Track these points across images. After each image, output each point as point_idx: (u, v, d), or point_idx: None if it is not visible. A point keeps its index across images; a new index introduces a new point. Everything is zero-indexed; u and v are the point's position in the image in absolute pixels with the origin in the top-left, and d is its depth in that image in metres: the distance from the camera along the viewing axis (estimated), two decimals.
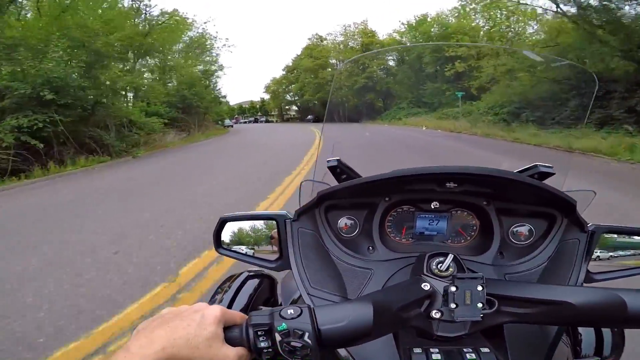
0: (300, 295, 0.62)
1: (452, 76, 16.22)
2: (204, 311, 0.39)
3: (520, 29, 21.25)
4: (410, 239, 0.71)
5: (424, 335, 0.50)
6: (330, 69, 41.58)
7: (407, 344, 0.50)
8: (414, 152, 3.62)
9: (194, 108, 21.19)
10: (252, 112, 79.10)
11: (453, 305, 0.46)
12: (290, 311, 0.39)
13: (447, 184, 0.61)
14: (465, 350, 0.48)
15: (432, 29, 26.95)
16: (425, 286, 0.48)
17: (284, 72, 53.59)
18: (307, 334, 0.38)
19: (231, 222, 0.71)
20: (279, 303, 0.95)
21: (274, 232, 0.68)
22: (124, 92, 15.86)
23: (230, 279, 1.00)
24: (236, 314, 0.42)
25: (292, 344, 0.37)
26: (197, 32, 25.69)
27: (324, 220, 0.69)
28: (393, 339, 0.52)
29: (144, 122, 14.75)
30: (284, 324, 0.38)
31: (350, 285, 0.64)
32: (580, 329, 0.74)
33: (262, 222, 0.71)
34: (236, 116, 76.66)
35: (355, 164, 0.83)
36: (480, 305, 0.46)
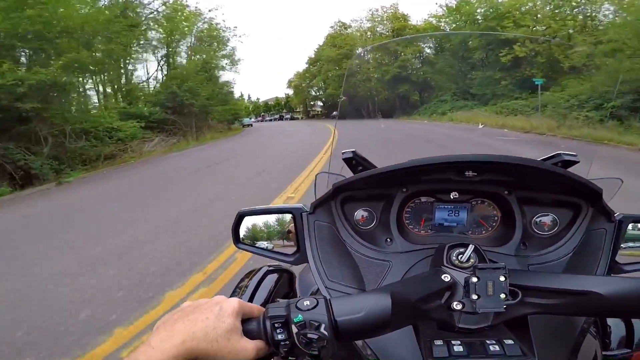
0: (319, 289, 0.66)
1: (509, 62, 12.90)
2: (222, 304, 0.41)
3: (593, 11, 17.09)
4: (430, 231, 0.74)
5: (445, 327, 0.51)
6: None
7: (428, 336, 0.52)
8: None
9: (186, 107, 18.37)
10: (277, 109, 78.56)
11: (475, 297, 0.47)
12: (307, 302, 0.41)
13: (466, 173, 0.63)
14: (488, 342, 0.49)
15: (478, 10, 22.72)
16: (446, 277, 0.50)
17: (307, 65, 50.85)
18: (323, 325, 0.39)
19: (249, 217, 0.75)
20: (298, 297, 0.98)
21: (292, 226, 0.73)
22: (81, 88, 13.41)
23: (250, 274, 1.03)
24: (254, 307, 0.44)
25: (309, 335, 0.39)
26: (204, 22, 23.44)
27: (340, 213, 0.72)
28: (413, 331, 0.54)
29: (112, 128, 12.62)
30: (300, 315, 0.40)
31: (368, 277, 0.67)
32: (608, 321, 0.73)
33: (278, 215, 0.75)
34: (262, 114, 76.14)
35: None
36: (503, 296, 0.46)
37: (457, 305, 0.48)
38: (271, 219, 0.76)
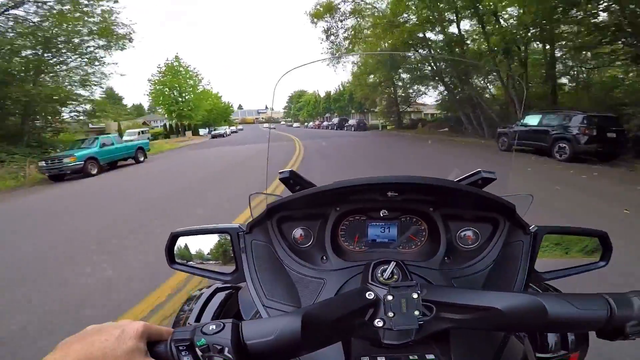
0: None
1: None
2: (125, 327, 0.41)
3: None
4: (364, 247, 0.76)
5: (374, 343, 0.53)
6: None
7: (358, 353, 0.53)
8: None
9: None
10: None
11: (391, 314, 0.48)
12: (212, 327, 0.42)
13: (388, 194, 0.67)
14: (411, 357, 0.51)
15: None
16: (370, 295, 0.51)
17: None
18: (226, 349, 0.40)
19: (184, 237, 0.75)
20: (242, 315, 0.96)
21: (230, 246, 0.74)
22: None
23: (201, 290, 1.00)
24: (163, 330, 0.44)
25: (214, 358, 0.40)
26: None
27: (276, 232, 0.74)
28: (342, 348, 0.55)
29: None
30: (203, 339, 0.41)
31: (304, 295, 0.68)
32: None
33: (215, 235, 0.76)
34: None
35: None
36: (417, 312, 0.48)
37: (378, 323, 0.49)
38: (209, 238, 0.75)
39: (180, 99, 36.97)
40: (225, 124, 54.00)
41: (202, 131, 43.42)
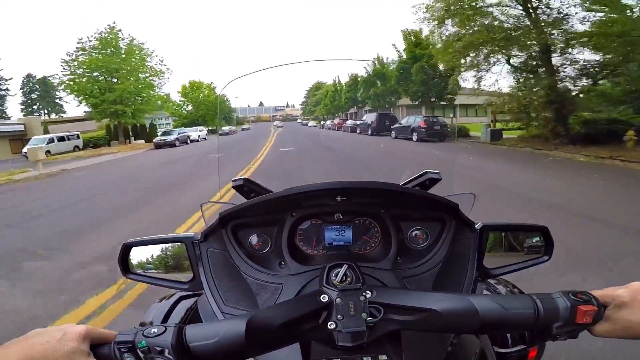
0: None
1: None
2: (68, 329, 0.42)
3: None
4: (322, 250, 0.77)
5: (330, 345, 0.53)
6: None
7: (317, 355, 0.54)
8: None
9: None
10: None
11: (340, 317, 0.50)
12: (154, 330, 0.43)
13: (337, 198, 0.69)
14: (364, 358, 0.52)
15: None
16: (324, 298, 0.52)
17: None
18: (166, 351, 0.42)
19: (137, 247, 0.73)
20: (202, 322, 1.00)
21: (185, 255, 0.73)
22: None
23: (163, 299, 0.99)
24: (107, 333, 0.45)
25: (155, 359, 0.42)
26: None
27: (232, 239, 0.74)
28: (300, 350, 0.56)
29: None
30: (143, 341, 0.42)
31: (262, 300, 0.69)
32: None
33: (170, 244, 0.75)
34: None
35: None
36: (364, 315, 0.50)
37: (330, 325, 0.50)
38: (164, 248, 0.75)
39: (111, 86, 25.15)
40: (224, 123, 42.78)
41: (191, 132, 28.05)
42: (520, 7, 12.03)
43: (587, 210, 4.38)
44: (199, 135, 27.84)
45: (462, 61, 13.97)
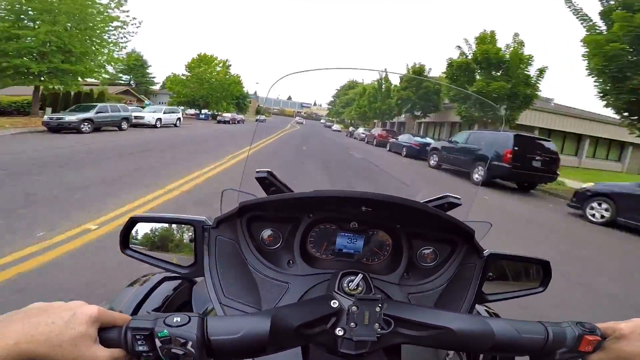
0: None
1: None
2: (77, 310, 0.39)
3: None
4: (330, 255, 0.77)
5: (330, 351, 0.53)
6: None
7: (316, 359, 0.55)
8: None
9: None
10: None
11: (353, 325, 0.50)
12: (177, 319, 0.41)
13: (362, 208, 0.69)
14: None
15: None
16: (335, 303, 0.52)
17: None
18: (190, 343, 0.40)
19: (143, 223, 0.71)
20: (193, 309, 0.93)
21: (191, 238, 0.71)
22: None
23: (145, 277, 0.96)
24: (117, 316, 0.42)
25: (173, 350, 0.39)
26: None
27: (245, 231, 0.73)
28: (301, 354, 0.56)
29: None
30: (165, 330, 0.40)
31: (266, 297, 0.68)
32: None
33: (177, 225, 0.73)
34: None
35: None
36: (377, 325, 0.50)
37: (339, 331, 0.51)
38: (169, 228, 0.73)
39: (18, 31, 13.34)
40: (232, 108, 34.28)
41: (148, 112, 19.74)
42: None
43: None
44: (158, 119, 18.73)
45: None
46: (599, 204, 6.62)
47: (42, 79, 15.63)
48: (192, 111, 33.81)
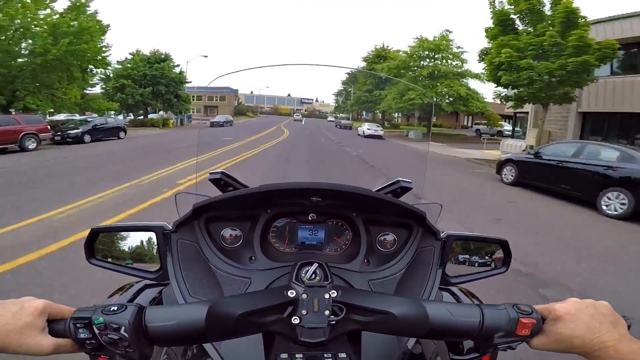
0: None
1: None
2: (25, 303, 0.43)
3: None
4: (294, 249, 0.78)
5: (293, 341, 0.54)
6: None
7: (280, 349, 0.55)
8: None
9: None
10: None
11: (304, 312, 0.51)
12: (114, 307, 0.43)
13: (313, 199, 0.70)
14: (325, 355, 0.53)
15: None
16: (291, 293, 0.53)
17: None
18: (123, 328, 0.42)
19: (105, 234, 0.73)
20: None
21: (155, 244, 0.72)
22: None
23: (125, 287, 0.97)
24: (64, 309, 0.46)
25: (109, 336, 0.42)
26: None
27: (204, 232, 0.74)
28: (262, 342, 0.57)
29: None
30: (101, 317, 0.42)
31: (229, 294, 0.69)
32: None
33: (139, 233, 0.74)
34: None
35: None
36: (327, 312, 0.51)
37: (295, 320, 0.51)
38: (132, 235, 0.74)
39: None
40: (86, 77, 15.33)
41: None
42: None
43: None
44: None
45: None
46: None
47: None
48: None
